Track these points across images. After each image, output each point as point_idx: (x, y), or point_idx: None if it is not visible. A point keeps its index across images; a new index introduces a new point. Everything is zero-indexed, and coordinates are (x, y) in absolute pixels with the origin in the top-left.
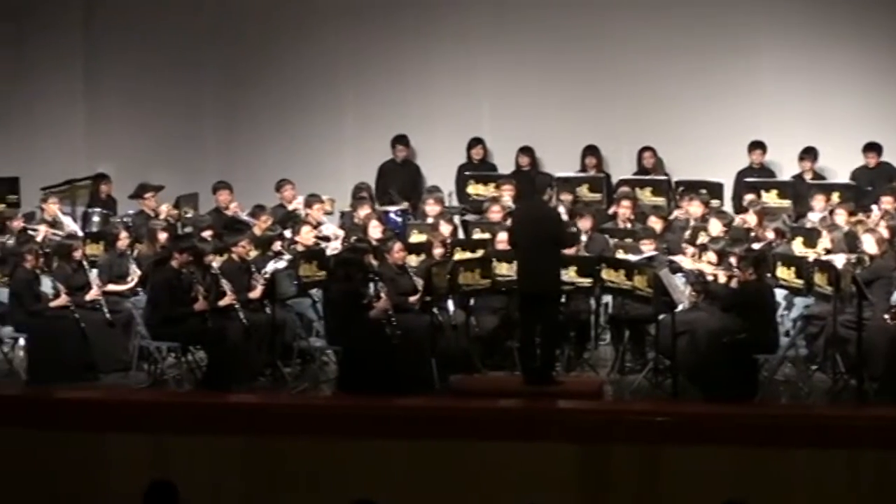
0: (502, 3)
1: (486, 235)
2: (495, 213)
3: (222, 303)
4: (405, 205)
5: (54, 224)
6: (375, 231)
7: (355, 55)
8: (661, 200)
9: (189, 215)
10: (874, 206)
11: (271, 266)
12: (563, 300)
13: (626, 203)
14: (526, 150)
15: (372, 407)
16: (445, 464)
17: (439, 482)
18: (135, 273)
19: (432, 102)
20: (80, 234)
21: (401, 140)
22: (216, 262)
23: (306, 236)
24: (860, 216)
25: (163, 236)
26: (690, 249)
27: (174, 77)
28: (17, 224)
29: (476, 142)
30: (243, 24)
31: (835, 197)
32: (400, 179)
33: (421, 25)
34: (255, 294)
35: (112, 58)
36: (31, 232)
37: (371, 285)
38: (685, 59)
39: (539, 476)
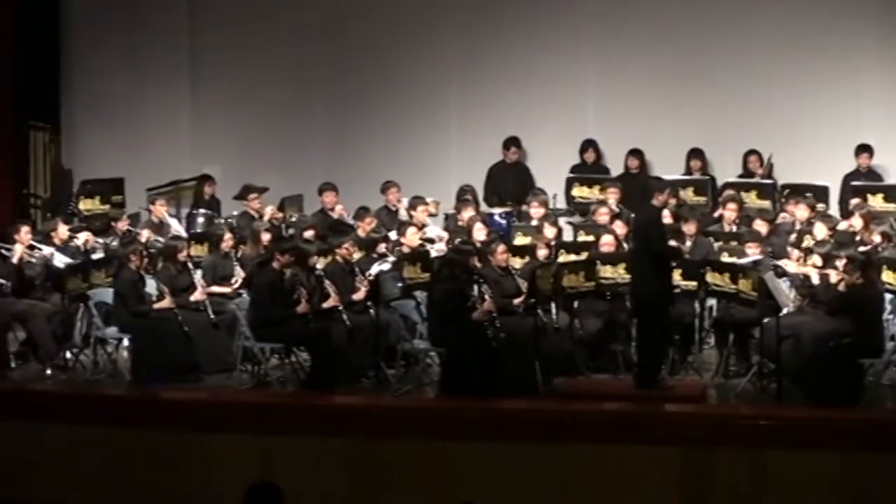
0: (610, 3)
1: (590, 238)
2: (601, 216)
3: (326, 304)
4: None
5: (161, 226)
6: (480, 233)
7: (460, 56)
8: (766, 203)
9: (294, 219)
10: None
11: (376, 268)
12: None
13: (731, 206)
14: (635, 153)
15: (475, 409)
16: (549, 466)
17: (542, 485)
18: (239, 274)
19: (538, 104)
20: (185, 235)
21: (513, 142)
22: (320, 264)
23: (411, 238)
24: None
25: (266, 237)
26: (795, 253)
27: (279, 78)
28: (123, 225)
29: (588, 144)
30: (348, 25)
31: None
32: (510, 181)
33: (527, 26)
34: (359, 295)
35: (217, 59)
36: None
37: (475, 287)
38: (792, 61)
39: (642, 479)
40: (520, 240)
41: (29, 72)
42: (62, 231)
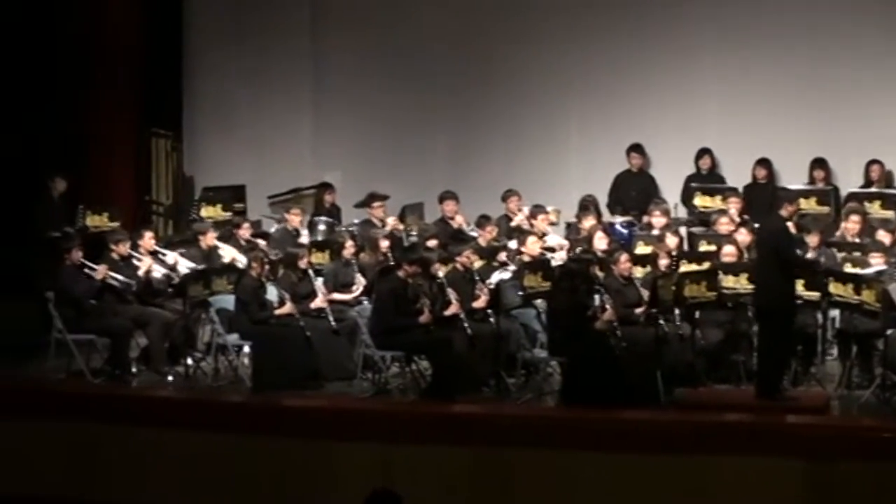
0: (730, 11)
1: (712, 248)
2: (724, 226)
3: (447, 312)
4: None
5: (297, 235)
6: (601, 242)
7: (581, 64)
8: (890, 214)
9: (414, 232)
10: None
11: (496, 276)
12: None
13: (854, 218)
14: (763, 163)
15: (596, 419)
16: (669, 477)
17: (662, 495)
18: (360, 282)
19: (659, 113)
20: (306, 242)
21: (635, 148)
22: (441, 272)
23: (532, 247)
24: None
25: (384, 244)
26: None
27: (401, 85)
28: (245, 233)
29: (703, 152)
30: (470, 34)
31: None
32: (633, 189)
33: (647, 33)
34: (480, 304)
35: (339, 65)
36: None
37: (596, 297)
38: None
39: (763, 491)
40: (641, 249)
41: (152, 79)
42: (210, 237)
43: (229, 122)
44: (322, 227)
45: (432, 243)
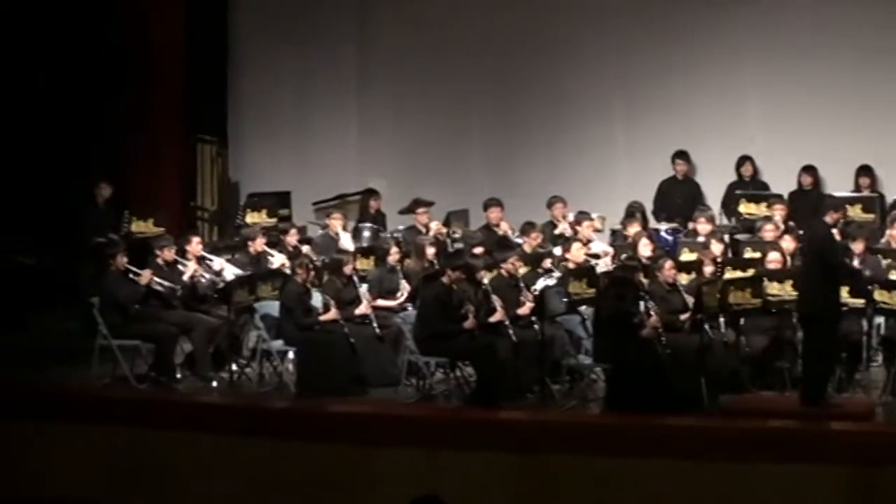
0: (775, 18)
1: (757, 254)
2: (769, 233)
3: (492, 319)
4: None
5: (338, 238)
6: (646, 249)
7: (627, 71)
8: None
9: (457, 235)
10: None
11: (541, 283)
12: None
13: None
14: (809, 170)
15: (641, 426)
16: (714, 484)
17: (708, 502)
18: (404, 288)
19: (704, 118)
20: (351, 248)
21: (680, 155)
22: (486, 279)
23: (576, 253)
24: None
25: (430, 251)
26: None
27: (447, 92)
28: (292, 239)
29: (744, 159)
30: (514, 40)
31: None
32: (678, 197)
33: (692, 40)
34: (524, 310)
35: (385, 72)
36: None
37: (641, 303)
38: None
39: (807, 498)
40: (686, 256)
41: (197, 85)
42: (259, 243)
43: (275, 128)
44: (367, 233)
45: (478, 250)
